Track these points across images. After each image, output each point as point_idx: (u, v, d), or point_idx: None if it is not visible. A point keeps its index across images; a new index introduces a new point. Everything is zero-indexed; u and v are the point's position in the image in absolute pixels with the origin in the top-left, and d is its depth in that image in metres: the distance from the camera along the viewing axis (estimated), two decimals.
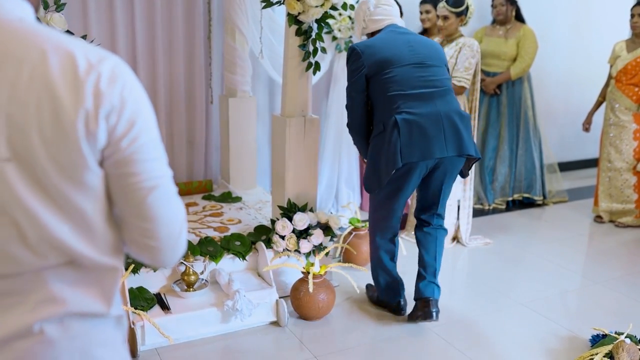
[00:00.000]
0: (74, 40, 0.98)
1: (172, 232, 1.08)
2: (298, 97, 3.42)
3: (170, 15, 4.16)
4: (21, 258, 0.95)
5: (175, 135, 4.40)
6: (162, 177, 1.05)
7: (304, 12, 3.19)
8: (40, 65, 0.92)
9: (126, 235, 1.06)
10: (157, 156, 1.04)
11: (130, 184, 1.01)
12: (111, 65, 0.97)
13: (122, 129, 0.97)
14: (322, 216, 3.51)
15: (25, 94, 0.91)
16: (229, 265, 3.35)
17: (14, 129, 0.91)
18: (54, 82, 0.92)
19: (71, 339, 1.00)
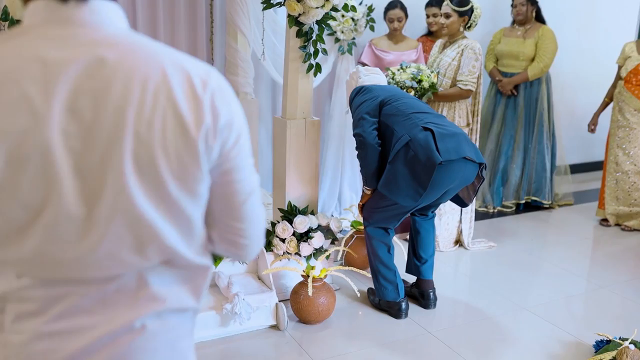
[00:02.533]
0: (180, 54, 1.03)
1: (260, 231, 1.17)
2: (299, 99, 3.40)
3: (172, 16, 4.15)
4: (131, 262, 1.00)
5: None
6: (255, 182, 1.13)
7: (304, 14, 3.17)
8: (163, 84, 0.96)
9: (216, 234, 1.12)
10: (251, 163, 1.11)
11: (233, 190, 1.08)
12: (217, 80, 1.03)
13: (232, 141, 1.04)
14: (323, 219, 3.49)
15: (150, 112, 0.95)
16: (229, 268, 3.33)
17: (140, 145, 0.95)
18: (176, 100, 0.97)
19: (167, 332, 1.07)
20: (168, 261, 1.04)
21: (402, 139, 3.02)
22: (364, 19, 4.49)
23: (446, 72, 4.02)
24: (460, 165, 3.02)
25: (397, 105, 3.15)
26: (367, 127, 3.13)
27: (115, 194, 0.95)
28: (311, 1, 3.09)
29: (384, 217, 3.24)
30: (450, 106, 4.07)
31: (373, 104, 3.18)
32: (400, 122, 3.08)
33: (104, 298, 1.00)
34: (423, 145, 2.95)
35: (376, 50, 4.67)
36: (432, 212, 3.47)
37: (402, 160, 3.02)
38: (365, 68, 3.50)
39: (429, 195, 3.04)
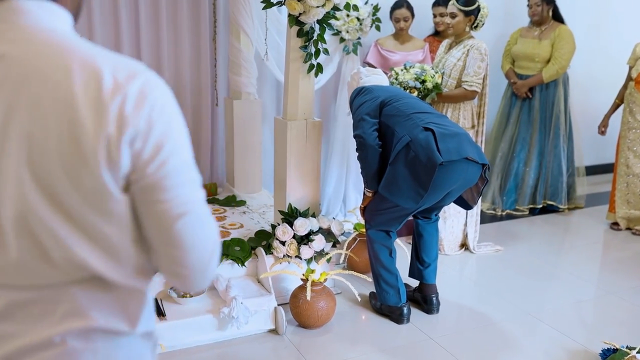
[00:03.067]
0: (106, 54, 0.93)
1: (202, 258, 1.02)
2: (299, 99, 3.35)
3: (175, 16, 4.12)
4: (47, 273, 0.94)
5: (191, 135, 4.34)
6: (193, 202, 0.98)
7: (305, 13, 3.11)
8: (64, 84, 0.88)
9: (155, 261, 1.02)
10: (187, 179, 0.98)
11: (158, 211, 0.95)
12: (140, 84, 0.91)
13: (148, 154, 0.92)
14: (324, 221, 3.43)
15: (47, 114, 0.87)
16: (228, 271, 3.28)
17: (35, 149, 0.87)
18: (76, 103, 0.87)
19: (93, 353, 0.99)
20: (94, 279, 0.97)
21: (403, 139, 2.96)
22: (370, 18, 4.43)
23: (451, 73, 3.95)
24: (462, 166, 2.96)
25: (397, 106, 3.09)
26: (367, 128, 3.07)
27: (14, 200, 0.89)
28: (312, 0, 3.04)
29: (385, 220, 3.19)
30: (455, 107, 4.00)
31: (373, 105, 3.13)
32: (401, 123, 3.02)
33: (25, 307, 0.95)
34: (424, 146, 2.89)
35: (382, 51, 4.60)
36: (436, 215, 3.41)
37: (402, 161, 2.96)
38: (367, 69, 3.44)
39: (431, 196, 2.98)
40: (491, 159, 5.26)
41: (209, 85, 4.31)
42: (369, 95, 3.19)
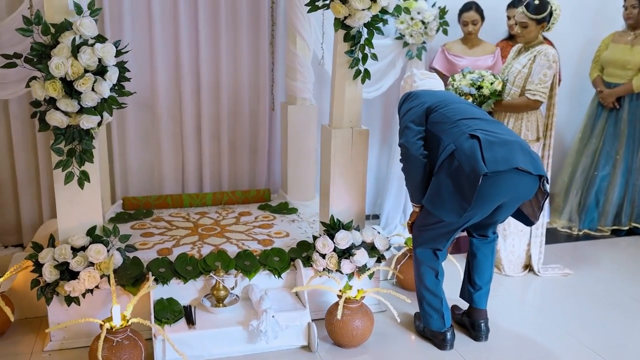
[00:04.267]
0: None
1: None
2: (345, 106, 3.20)
3: (234, 19, 4.09)
4: None
5: (237, 142, 4.32)
6: None
7: (350, 16, 2.97)
8: None
9: None
10: None
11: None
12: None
13: None
14: (367, 235, 3.26)
15: None
16: (265, 281, 3.18)
17: None
18: None
19: None
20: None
21: (448, 148, 2.74)
22: (436, 22, 4.20)
23: (515, 80, 3.65)
24: (512, 177, 2.69)
25: (444, 112, 2.87)
26: (411, 137, 2.88)
27: None
28: (356, 3, 2.89)
29: (432, 236, 2.96)
30: (517, 117, 3.70)
31: (419, 111, 2.92)
32: (447, 130, 2.80)
33: None
34: (468, 155, 2.66)
35: (449, 55, 4.36)
36: (493, 234, 3.14)
37: (446, 172, 2.74)
38: (421, 72, 3.23)
39: (477, 210, 2.74)
40: (571, 173, 4.86)
41: (267, 90, 4.25)
42: (415, 100, 2.99)
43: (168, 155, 4.19)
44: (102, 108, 2.69)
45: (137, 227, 3.69)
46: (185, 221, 3.81)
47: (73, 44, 2.57)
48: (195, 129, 4.20)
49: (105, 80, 2.66)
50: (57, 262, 2.82)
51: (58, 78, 2.56)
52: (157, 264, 3.10)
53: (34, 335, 3.04)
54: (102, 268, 2.85)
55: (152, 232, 3.61)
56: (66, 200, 2.86)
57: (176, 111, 4.15)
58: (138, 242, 3.42)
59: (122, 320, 2.67)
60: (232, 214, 3.96)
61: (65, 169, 2.75)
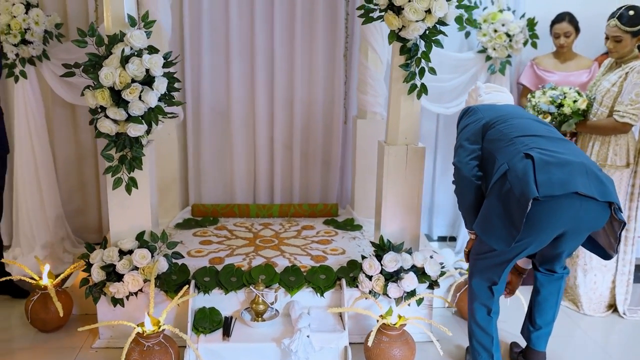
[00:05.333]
0: None
1: None
2: (400, 122, 3.05)
3: (310, 31, 4.07)
4: None
5: (310, 154, 4.29)
6: None
7: (404, 28, 2.83)
8: None
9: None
10: None
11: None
12: None
13: None
14: (418, 259, 3.08)
15: None
16: (309, 299, 3.10)
17: None
18: None
19: None
20: None
21: (500, 168, 2.49)
22: (522, 34, 3.91)
23: (603, 100, 3.28)
24: (571, 202, 2.40)
25: (502, 128, 2.62)
26: (464, 157, 2.66)
27: None
28: (409, 14, 2.75)
29: (486, 266, 2.72)
30: (604, 141, 3.31)
31: (475, 128, 2.69)
32: (502, 149, 2.55)
33: None
34: (520, 176, 2.40)
35: (538, 70, 4.03)
36: (563, 269, 2.82)
37: (497, 195, 2.50)
38: (487, 85, 2.99)
39: (529, 239, 2.47)
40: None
41: (341, 103, 4.18)
42: (473, 116, 2.76)
43: (240, 164, 4.25)
44: (150, 117, 2.77)
45: (199, 234, 3.76)
46: (247, 231, 3.83)
47: (122, 54, 2.66)
48: (268, 140, 4.23)
49: (152, 90, 2.73)
50: (104, 263, 2.93)
51: (107, 87, 2.67)
52: (203, 273, 3.13)
53: (88, 331, 3.18)
54: (145, 272, 2.92)
55: (211, 240, 3.67)
56: (117, 204, 2.97)
57: (250, 121, 4.20)
58: (194, 250, 3.49)
59: (154, 326, 2.71)
60: (295, 227, 3.92)
61: (115, 175, 2.86)
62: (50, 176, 3.90)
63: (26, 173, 3.81)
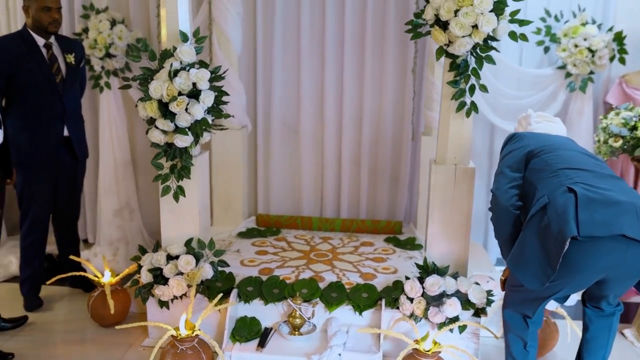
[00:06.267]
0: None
1: None
2: (449, 141, 2.94)
3: (381, 46, 4.04)
4: None
5: (378, 169, 4.24)
6: None
7: (451, 44, 2.72)
8: None
9: None
10: None
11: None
12: None
13: None
14: (463, 285, 2.93)
15: None
16: (348, 317, 3.05)
17: None
18: None
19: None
20: None
21: (540, 200, 2.31)
22: (608, 48, 3.62)
23: None
24: (616, 246, 2.18)
25: (547, 158, 2.44)
26: (503, 185, 2.50)
27: None
28: (455, 29, 2.64)
29: (519, 300, 2.54)
30: None
31: (518, 156, 2.53)
32: (545, 180, 2.37)
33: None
34: (559, 212, 2.22)
35: (627, 89, 3.72)
36: (616, 306, 2.58)
37: (534, 229, 2.32)
38: (538, 114, 2.80)
39: (564, 281, 2.28)
40: None
41: (410, 119, 4.10)
42: (517, 143, 2.60)
43: (308, 177, 4.29)
44: (196, 129, 2.88)
45: (257, 244, 3.84)
46: (305, 244, 3.85)
47: (171, 68, 2.79)
48: (336, 154, 4.23)
49: (199, 102, 2.84)
50: (153, 266, 3.07)
51: (155, 99, 2.81)
52: (248, 282, 3.19)
53: (140, 329, 3.34)
54: (189, 278, 3.03)
55: (267, 250, 3.73)
56: (168, 210, 3.11)
57: (318, 136, 4.23)
58: (248, 259, 3.56)
59: (189, 330, 2.80)
60: (354, 243, 3.89)
61: (164, 183, 2.99)
62: (128, 180, 4.17)
63: (107, 176, 4.09)
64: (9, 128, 3.27)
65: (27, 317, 3.39)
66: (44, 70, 3.29)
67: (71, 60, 3.39)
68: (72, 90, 3.45)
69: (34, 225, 3.47)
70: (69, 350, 3.16)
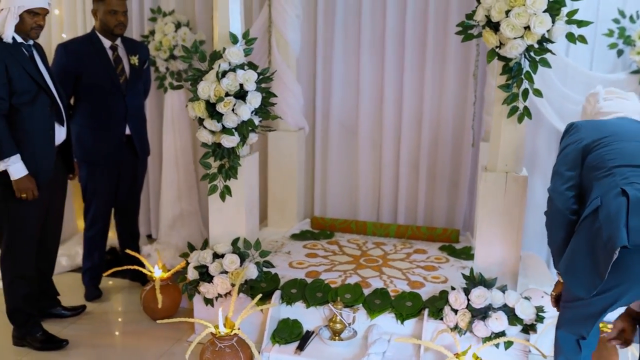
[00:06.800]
0: None
1: None
2: (500, 148, 2.81)
3: (442, 49, 3.93)
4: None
5: (437, 175, 4.13)
6: None
7: (502, 46, 2.61)
8: None
9: None
10: None
11: None
12: None
13: None
14: (511, 299, 2.80)
15: None
16: (391, 325, 2.98)
17: None
18: None
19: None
20: None
21: (593, 203, 2.11)
22: None
23: None
24: None
25: (602, 153, 2.21)
26: (560, 185, 2.30)
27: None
28: (507, 31, 2.53)
29: (573, 318, 2.37)
30: None
31: (574, 151, 2.31)
32: (600, 179, 2.16)
33: None
34: (611, 217, 2.02)
35: None
36: None
37: (585, 233, 2.14)
38: (608, 90, 2.54)
39: (615, 290, 2.09)
40: None
41: (470, 124, 3.96)
42: (573, 136, 2.36)
43: (366, 180, 4.24)
44: (242, 129, 2.91)
45: (309, 246, 3.83)
46: (357, 249, 3.81)
47: (219, 69, 2.84)
48: (394, 158, 4.16)
49: (245, 103, 2.87)
50: (199, 263, 3.13)
51: (203, 100, 2.87)
52: (292, 285, 3.18)
53: (187, 324, 3.41)
54: (233, 277, 3.06)
55: (317, 253, 3.71)
56: (216, 209, 3.16)
57: (377, 138, 4.18)
58: (297, 261, 3.56)
59: (228, 329, 2.83)
60: (407, 250, 3.80)
61: (212, 182, 3.05)
62: (190, 179, 4.28)
63: (169, 174, 4.23)
64: (75, 126, 3.44)
65: (85, 306, 3.55)
66: (108, 71, 3.43)
67: (135, 62, 3.52)
68: (135, 91, 3.58)
69: (95, 218, 3.63)
70: (120, 341, 3.28)
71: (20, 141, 2.84)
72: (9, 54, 2.81)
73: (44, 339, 3.13)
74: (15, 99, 2.82)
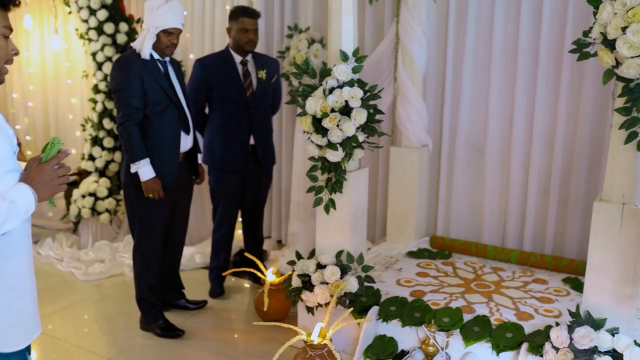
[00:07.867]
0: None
1: None
2: (617, 176, 2.56)
3: (579, 68, 3.65)
4: None
5: (570, 202, 3.83)
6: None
7: (619, 65, 2.38)
8: None
9: None
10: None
11: None
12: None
13: None
14: (621, 343, 2.53)
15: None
16: (486, 355, 2.85)
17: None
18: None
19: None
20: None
21: None
22: None
23: None
24: None
25: None
26: None
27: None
28: (623, 49, 2.31)
29: None
30: None
31: None
32: None
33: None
34: None
35: None
36: None
37: None
38: None
39: None
40: None
41: None
42: None
43: (491, 201, 4.06)
44: (346, 145, 2.97)
45: (423, 265, 3.77)
46: (471, 272, 3.67)
47: (326, 86, 2.93)
48: (522, 180, 3.94)
49: (350, 119, 2.93)
50: (303, 272, 3.25)
51: (310, 115, 2.98)
52: (392, 302, 3.17)
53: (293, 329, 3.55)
54: (332, 288, 3.13)
55: (429, 272, 3.65)
56: (323, 220, 3.25)
57: (505, 158, 3.99)
58: (405, 279, 3.54)
59: (319, 338, 2.90)
60: (526, 278, 3.58)
61: (317, 194, 3.14)
62: None
63: (298, 184, 4.41)
64: (207, 134, 3.75)
65: (207, 301, 3.84)
66: (236, 84, 3.70)
67: (262, 76, 3.75)
68: (262, 103, 3.81)
69: (222, 221, 3.92)
70: (230, 337, 3.51)
71: (149, 147, 3.18)
72: (146, 69, 3.16)
73: (165, 327, 3.45)
74: (149, 109, 3.17)
